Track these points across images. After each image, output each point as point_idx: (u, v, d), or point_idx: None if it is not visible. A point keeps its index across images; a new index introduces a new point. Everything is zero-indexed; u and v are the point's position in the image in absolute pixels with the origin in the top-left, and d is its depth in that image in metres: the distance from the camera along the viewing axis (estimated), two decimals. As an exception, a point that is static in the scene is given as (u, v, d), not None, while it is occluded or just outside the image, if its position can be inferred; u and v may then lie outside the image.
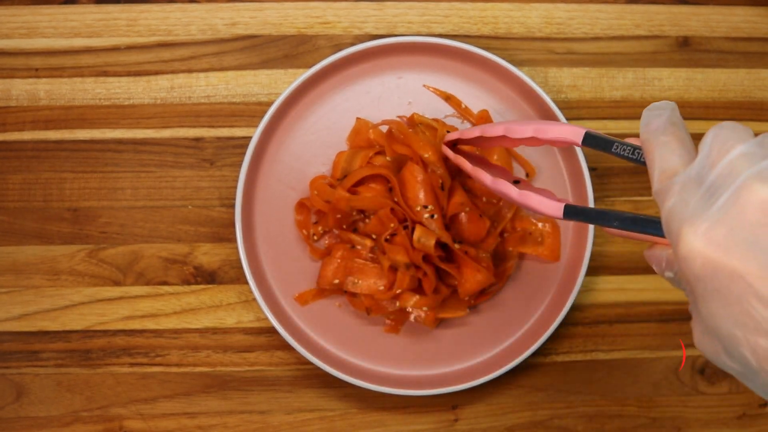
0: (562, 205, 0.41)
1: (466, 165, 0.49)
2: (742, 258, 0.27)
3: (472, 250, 0.55)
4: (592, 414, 0.60)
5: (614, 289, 0.61)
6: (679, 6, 0.63)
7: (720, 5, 0.63)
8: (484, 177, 0.47)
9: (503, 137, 0.46)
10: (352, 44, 0.60)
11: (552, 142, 0.43)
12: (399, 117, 0.59)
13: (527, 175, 0.59)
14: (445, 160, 0.54)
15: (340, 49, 0.59)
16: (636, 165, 0.39)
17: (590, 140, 0.40)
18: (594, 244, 0.59)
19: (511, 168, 0.58)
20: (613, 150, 0.39)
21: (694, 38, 0.62)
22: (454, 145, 0.52)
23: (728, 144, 0.30)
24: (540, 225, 0.59)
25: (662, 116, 0.35)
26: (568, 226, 0.59)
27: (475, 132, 0.48)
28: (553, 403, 0.60)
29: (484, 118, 0.58)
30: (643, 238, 0.37)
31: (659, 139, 0.34)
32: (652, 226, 0.36)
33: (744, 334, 0.28)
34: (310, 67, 0.59)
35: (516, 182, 0.48)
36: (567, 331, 0.60)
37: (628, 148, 0.38)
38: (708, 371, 0.61)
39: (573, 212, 0.41)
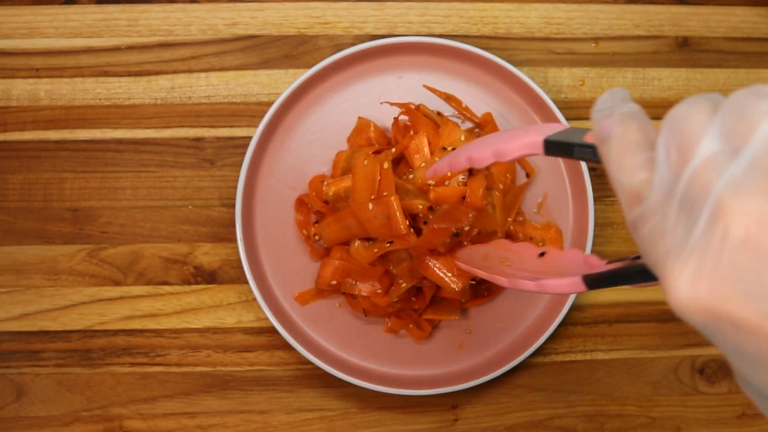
0: (580, 280, 0.37)
1: (481, 274, 0.47)
2: (746, 309, 0.22)
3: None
4: (591, 414, 0.60)
5: (614, 289, 0.61)
6: (678, 6, 0.63)
7: (719, 5, 0.63)
8: (501, 281, 0.44)
9: (470, 167, 0.43)
10: (353, 44, 0.61)
11: (519, 158, 0.39)
12: (408, 103, 0.59)
13: (528, 175, 0.59)
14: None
15: (340, 49, 0.59)
16: None
17: (552, 148, 0.35)
18: (594, 244, 0.59)
19: (513, 168, 0.58)
20: (575, 155, 0.34)
21: (694, 38, 0.63)
22: (456, 234, 0.51)
23: (686, 146, 0.25)
24: (542, 229, 0.59)
25: (611, 116, 0.29)
26: (568, 227, 0.59)
27: (444, 168, 0.45)
28: (553, 403, 0.60)
29: (488, 121, 0.58)
30: None
31: (612, 146, 0.28)
32: None
33: None
34: (310, 67, 0.59)
35: (542, 254, 0.45)
36: (567, 331, 0.60)
37: (589, 150, 0.32)
38: (708, 371, 0.61)
39: (594, 281, 0.36)
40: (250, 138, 0.59)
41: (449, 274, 0.53)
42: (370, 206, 0.52)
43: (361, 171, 0.54)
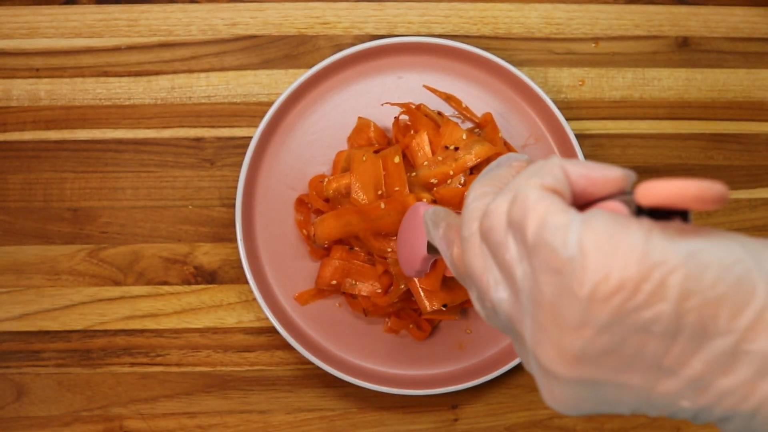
0: None
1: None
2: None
3: None
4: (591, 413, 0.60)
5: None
6: (678, 6, 0.63)
7: (719, 5, 0.63)
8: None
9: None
10: (353, 44, 0.61)
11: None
12: (409, 103, 0.59)
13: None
14: None
15: (340, 50, 0.59)
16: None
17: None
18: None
19: None
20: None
21: (694, 38, 0.63)
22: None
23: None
24: None
25: (439, 227, 0.36)
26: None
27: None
28: (553, 403, 0.60)
29: (488, 121, 0.58)
30: None
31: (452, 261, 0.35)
32: None
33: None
34: (310, 67, 0.59)
35: None
36: (567, 331, 0.60)
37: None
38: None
39: None
40: (250, 138, 0.59)
41: (426, 293, 0.54)
42: (382, 205, 0.52)
43: (360, 167, 0.54)
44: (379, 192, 0.53)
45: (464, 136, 0.55)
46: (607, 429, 0.60)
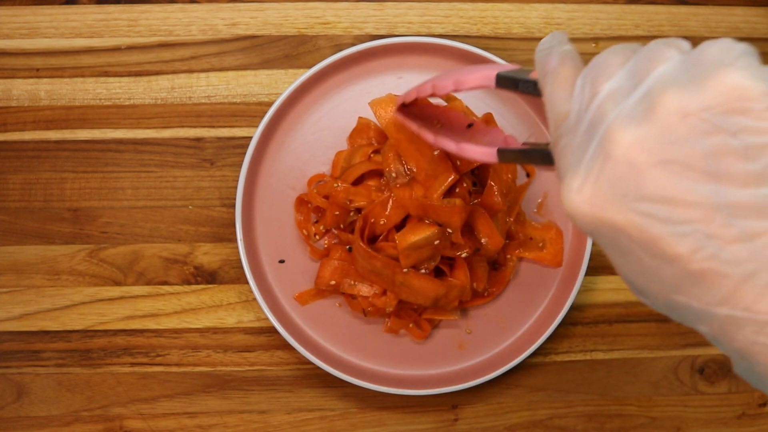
0: (494, 151, 0.42)
1: (412, 126, 0.49)
2: (618, 212, 0.27)
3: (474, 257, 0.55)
4: (591, 413, 0.60)
5: (614, 289, 0.61)
6: (678, 6, 0.63)
7: (719, 6, 0.63)
8: (427, 136, 0.47)
9: (433, 94, 0.47)
10: (353, 44, 0.61)
11: (475, 89, 0.44)
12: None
13: (528, 175, 0.59)
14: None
15: (340, 50, 0.59)
16: None
17: (502, 82, 0.40)
18: (594, 244, 0.59)
19: (514, 169, 0.58)
20: (519, 89, 0.38)
21: (694, 39, 0.63)
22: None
23: (598, 82, 0.30)
24: (542, 230, 0.59)
25: (552, 53, 0.34)
26: (568, 227, 0.59)
27: (412, 95, 0.48)
28: (553, 403, 0.60)
29: (488, 121, 0.58)
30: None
31: (548, 81, 0.33)
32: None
33: (646, 283, 0.29)
34: (310, 67, 0.59)
35: (470, 125, 0.49)
36: (567, 331, 0.60)
37: (531, 84, 0.37)
38: (707, 371, 0.61)
39: (504, 154, 0.41)
40: (250, 138, 0.59)
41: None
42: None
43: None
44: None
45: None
46: (607, 429, 0.60)
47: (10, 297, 0.59)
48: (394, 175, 0.53)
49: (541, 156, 0.38)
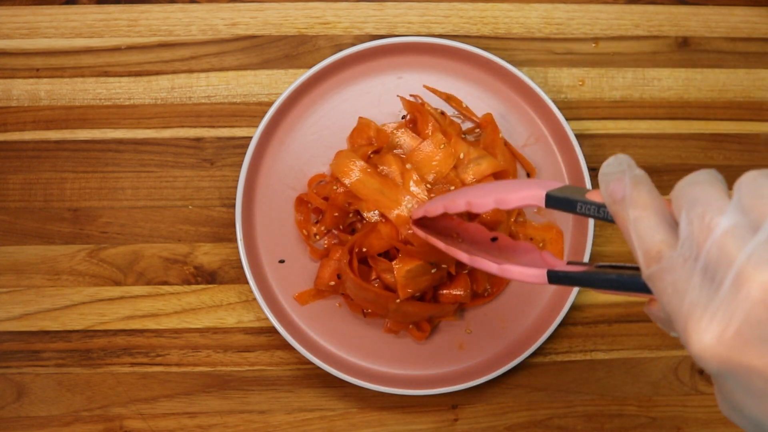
0: (544, 273, 0.38)
1: (439, 244, 0.47)
2: (759, 356, 0.27)
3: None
4: (591, 413, 0.60)
5: (614, 289, 0.61)
6: (678, 6, 0.63)
7: (719, 5, 0.63)
8: (461, 255, 0.45)
9: (467, 211, 0.44)
10: (353, 44, 0.61)
11: (519, 208, 0.41)
12: (412, 96, 0.59)
13: (528, 175, 0.59)
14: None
15: (340, 50, 0.59)
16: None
17: (554, 202, 0.37)
18: (594, 244, 0.59)
19: (514, 169, 0.58)
20: (578, 211, 0.36)
21: (694, 38, 0.63)
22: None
23: (708, 218, 0.29)
24: (542, 230, 0.59)
25: (622, 180, 0.33)
26: (568, 226, 0.59)
27: (439, 209, 0.46)
28: (553, 403, 0.60)
29: (488, 121, 0.58)
30: (636, 297, 0.36)
31: (629, 213, 0.32)
32: (639, 287, 0.34)
33: None
34: (310, 67, 0.59)
35: (494, 239, 0.46)
36: (566, 331, 0.60)
37: (593, 207, 0.35)
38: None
39: (557, 278, 0.38)
40: (250, 138, 0.59)
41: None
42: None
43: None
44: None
45: (462, 155, 0.55)
46: (607, 429, 0.60)
47: (10, 297, 0.59)
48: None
49: (602, 281, 0.36)
